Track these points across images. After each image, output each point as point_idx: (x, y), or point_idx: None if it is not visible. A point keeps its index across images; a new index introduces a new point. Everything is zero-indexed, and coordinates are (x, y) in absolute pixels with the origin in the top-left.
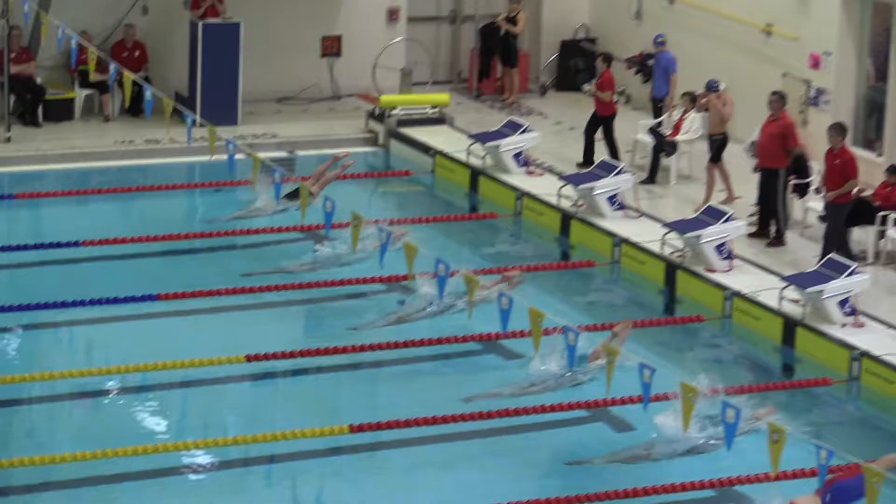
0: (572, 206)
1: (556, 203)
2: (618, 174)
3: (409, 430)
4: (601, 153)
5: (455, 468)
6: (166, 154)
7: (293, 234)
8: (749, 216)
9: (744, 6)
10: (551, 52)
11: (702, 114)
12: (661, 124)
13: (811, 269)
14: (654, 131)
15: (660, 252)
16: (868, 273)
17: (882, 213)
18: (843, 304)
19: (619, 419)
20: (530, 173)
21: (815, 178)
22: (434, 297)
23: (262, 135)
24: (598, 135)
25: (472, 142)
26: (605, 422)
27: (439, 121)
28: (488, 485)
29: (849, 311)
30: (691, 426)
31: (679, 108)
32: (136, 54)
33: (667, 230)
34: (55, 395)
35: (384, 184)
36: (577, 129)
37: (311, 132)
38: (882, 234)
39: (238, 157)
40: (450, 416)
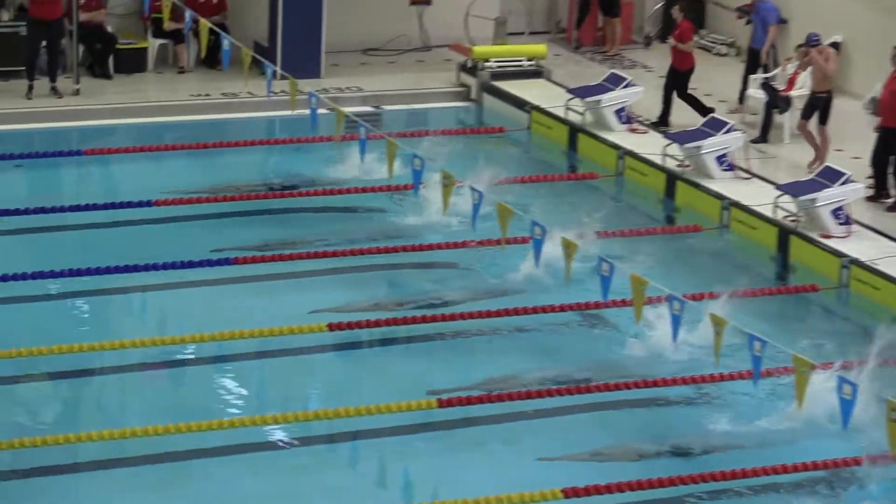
0: (678, 166)
1: (660, 163)
2: (727, 132)
3: (501, 404)
4: (685, 112)
5: (549, 446)
6: (244, 108)
7: (379, 194)
8: (867, 178)
9: None
10: (656, 0)
11: (808, 70)
12: (774, 78)
13: None
14: (766, 86)
15: (772, 216)
16: None
17: None
18: None
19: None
20: (633, 131)
21: None
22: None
23: (347, 88)
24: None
25: (571, 97)
26: (709, 397)
27: (536, 74)
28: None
29: None
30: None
31: (794, 61)
32: (214, 1)
33: (779, 193)
34: (126, 365)
35: (476, 141)
36: None
37: (398, 86)
38: None
39: (321, 111)
40: (545, 391)
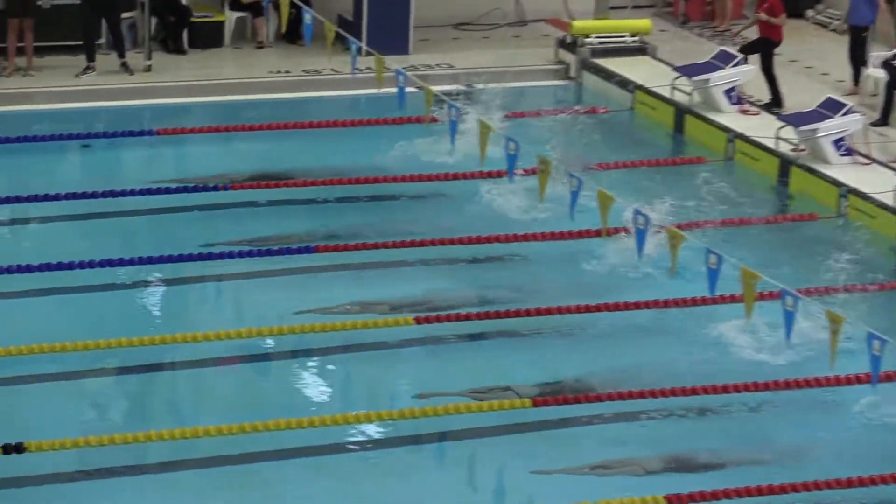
0: (792, 150)
1: (773, 147)
2: (846, 114)
3: (599, 404)
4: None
5: (649, 448)
6: (326, 87)
7: (469, 180)
8: None
9: None
10: None
11: None
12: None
13: None
14: (888, 65)
15: (894, 205)
16: None
17: None
18: None
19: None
20: (744, 112)
21: None
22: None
23: (437, 65)
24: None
25: (678, 75)
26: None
27: (640, 51)
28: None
29: None
30: None
31: None
32: None
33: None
34: (199, 359)
35: (575, 123)
36: (798, 61)
37: (492, 62)
38: None
39: (409, 90)
40: (647, 392)
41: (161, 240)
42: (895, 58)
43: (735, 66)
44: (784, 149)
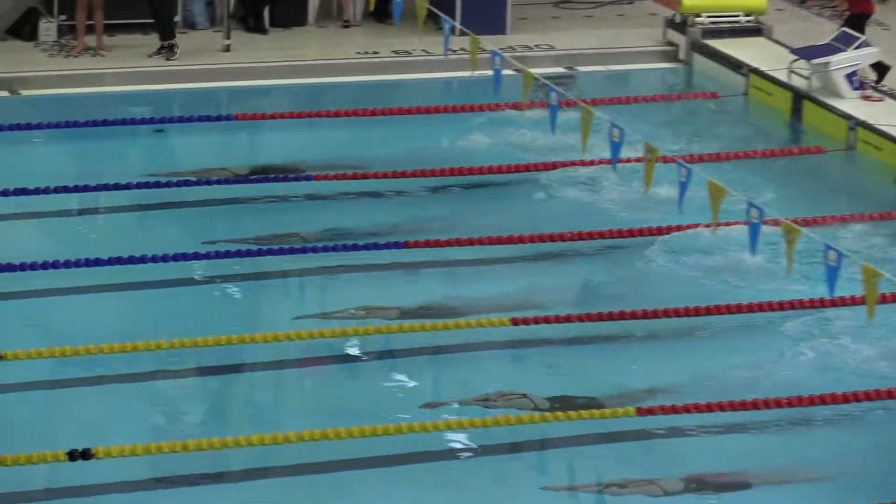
0: None
1: None
2: (858, 47)
3: (710, 415)
4: None
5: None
6: (417, 69)
7: (571, 169)
8: None
9: None
10: None
11: None
12: None
13: None
14: None
15: None
16: None
17: None
18: None
19: None
20: (867, 98)
21: None
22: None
23: (536, 46)
24: None
25: (795, 58)
26: None
27: (754, 31)
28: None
29: None
30: None
31: None
32: None
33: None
34: (281, 360)
35: (684, 108)
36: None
37: (595, 43)
38: None
39: (505, 73)
40: (761, 401)
41: (240, 232)
42: None
43: (857, 48)
44: None
